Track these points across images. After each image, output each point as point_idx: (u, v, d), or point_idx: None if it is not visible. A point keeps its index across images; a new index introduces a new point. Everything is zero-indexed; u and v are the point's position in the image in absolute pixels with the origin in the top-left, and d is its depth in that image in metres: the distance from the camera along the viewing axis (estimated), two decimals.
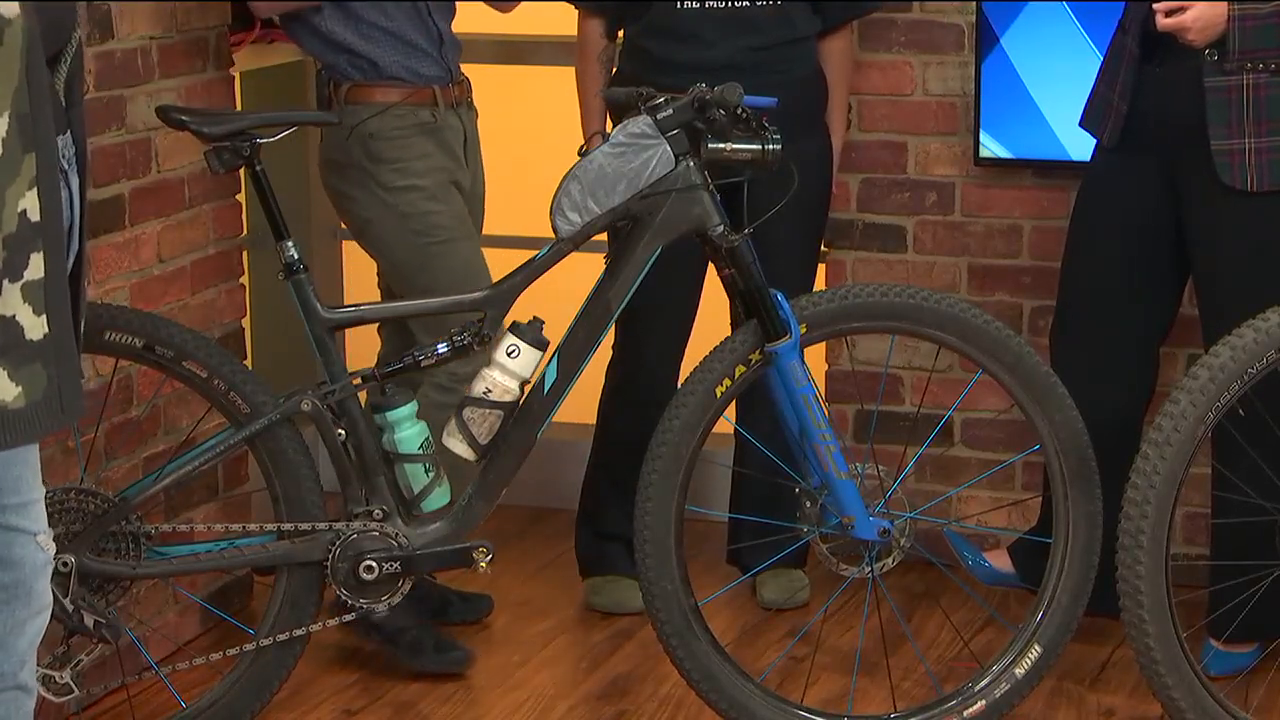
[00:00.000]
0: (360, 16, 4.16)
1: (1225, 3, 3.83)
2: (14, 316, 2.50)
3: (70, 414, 2.57)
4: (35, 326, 2.52)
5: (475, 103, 4.38)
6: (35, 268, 2.52)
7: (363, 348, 4.57)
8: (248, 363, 4.59)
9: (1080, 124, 4.17)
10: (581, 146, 3.85)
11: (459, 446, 3.73)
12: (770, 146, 3.65)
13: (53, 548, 2.71)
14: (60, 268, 2.57)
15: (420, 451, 3.78)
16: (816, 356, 4.70)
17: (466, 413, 3.71)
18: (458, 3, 4.32)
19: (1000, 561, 4.30)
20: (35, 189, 2.50)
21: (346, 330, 3.97)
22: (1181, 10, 3.84)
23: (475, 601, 4.52)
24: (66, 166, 2.69)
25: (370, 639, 4.22)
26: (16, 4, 2.46)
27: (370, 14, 4.16)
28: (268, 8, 4.23)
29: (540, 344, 3.72)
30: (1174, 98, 3.95)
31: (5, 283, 2.49)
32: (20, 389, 2.51)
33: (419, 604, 4.42)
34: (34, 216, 2.51)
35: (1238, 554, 3.89)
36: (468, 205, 4.31)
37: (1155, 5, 3.87)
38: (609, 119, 4.37)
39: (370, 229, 4.24)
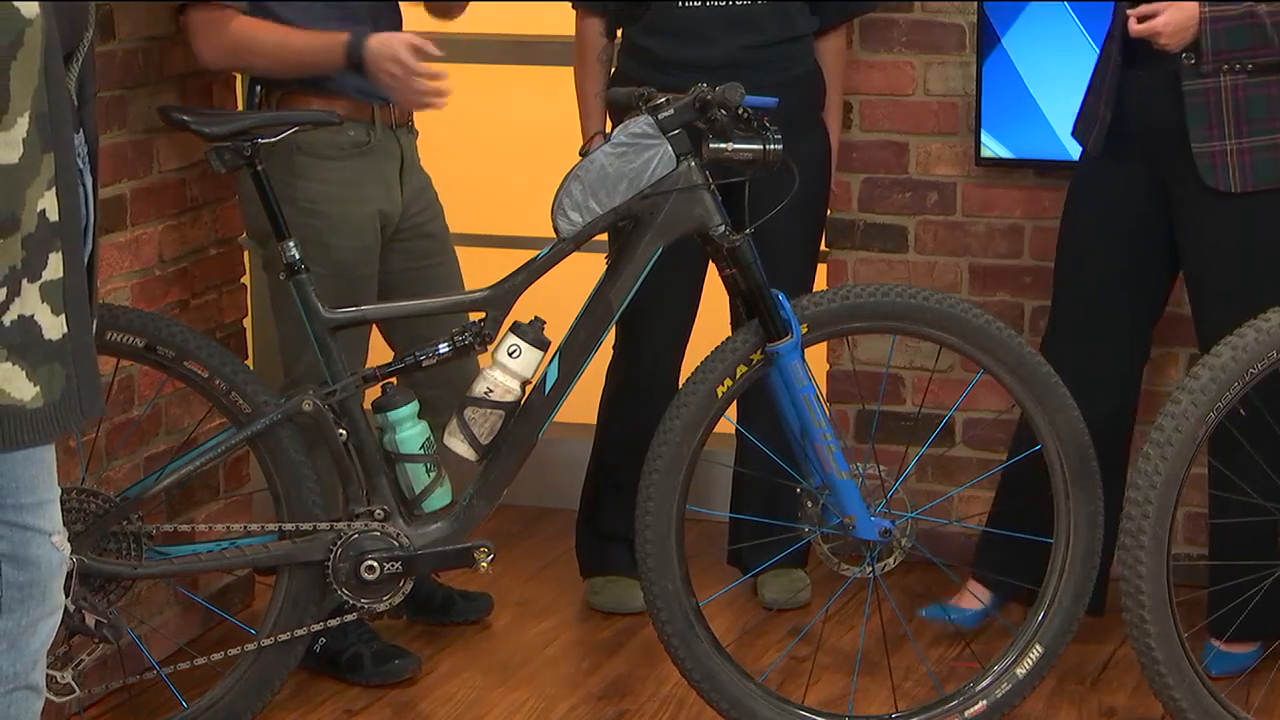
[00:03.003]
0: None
1: (1197, 6, 3.84)
2: (33, 316, 2.51)
3: (89, 413, 2.58)
4: (54, 326, 2.53)
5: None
6: (54, 267, 2.52)
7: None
8: (249, 363, 4.59)
9: (1072, 133, 4.18)
10: (582, 146, 3.84)
11: (460, 446, 3.73)
12: (771, 146, 3.65)
13: (67, 548, 2.71)
14: (78, 267, 2.58)
15: (421, 451, 3.78)
16: (818, 356, 4.69)
17: (468, 413, 3.71)
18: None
19: (974, 598, 4.31)
20: (54, 189, 2.51)
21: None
22: (1153, 16, 3.85)
23: (477, 601, 4.51)
24: (81, 165, 2.69)
25: (309, 666, 4.13)
26: (36, 4, 2.46)
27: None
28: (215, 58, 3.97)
29: (541, 344, 3.71)
30: (1155, 102, 3.97)
31: (24, 282, 2.49)
32: (38, 388, 2.52)
33: (419, 605, 4.43)
34: (53, 216, 2.51)
35: (1238, 554, 3.89)
36: (410, 235, 4.13)
37: (1129, 11, 3.88)
38: (609, 119, 4.36)
39: (270, 239, 3.90)
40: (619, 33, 4.45)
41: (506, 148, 5.76)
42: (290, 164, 3.96)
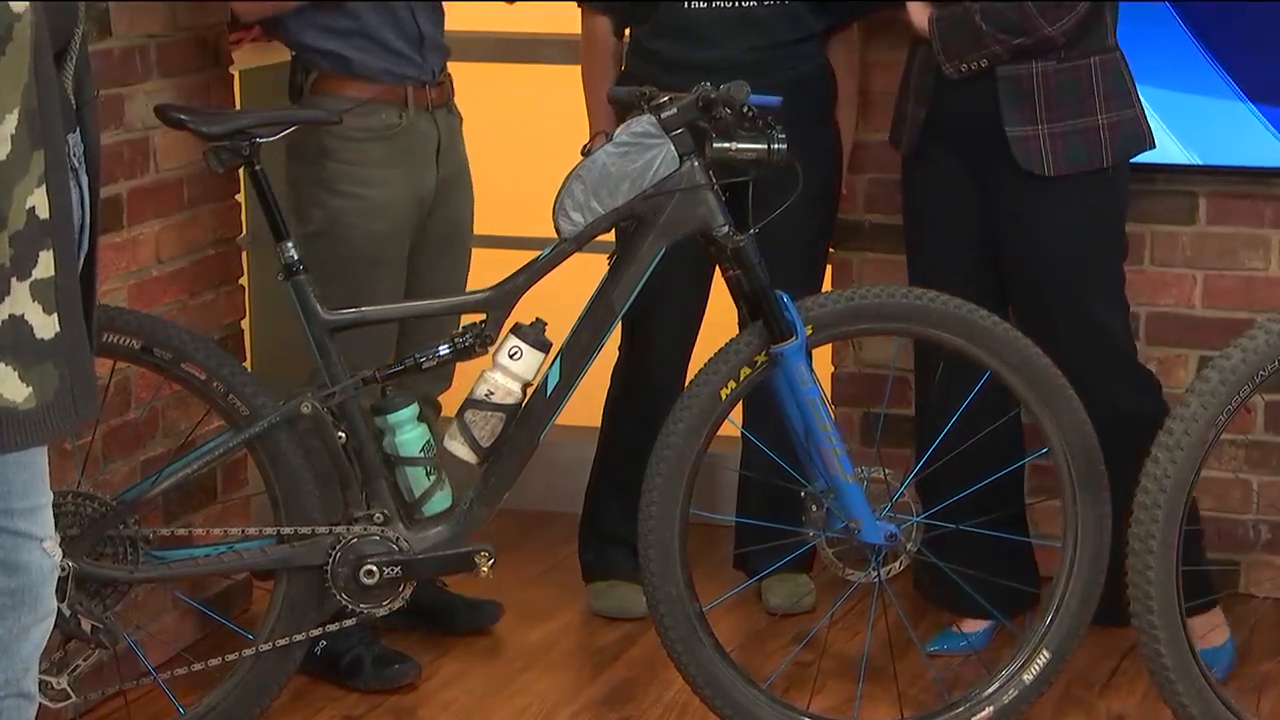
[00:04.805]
0: (323, 23, 3.99)
1: None
2: (23, 315, 2.48)
3: (84, 414, 2.55)
4: (45, 325, 2.50)
5: (459, 106, 4.18)
6: (45, 266, 2.50)
7: None
8: (247, 364, 4.56)
9: (890, 139, 4.27)
10: (585, 146, 3.82)
11: (460, 449, 3.70)
12: (775, 146, 3.62)
13: (59, 553, 2.69)
14: (71, 265, 2.55)
15: (421, 455, 3.75)
16: (822, 358, 4.67)
17: (468, 415, 3.69)
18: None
19: (976, 623, 4.28)
20: (44, 186, 2.48)
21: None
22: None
23: (482, 609, 4.46)
24: (77, 165, 2.67)
25: (310, 668, 4.10)
26: (25, 1, 2.44)
27: (338, 21, 4.00)
28: (252, 8, 4.06)
29: (543, 346, 3.69)
30: (971, 92, 4.04)
31: (14, 281, 2.47)
32: (30, 389, 2.49)
33: (423, 612, 4.39)
34: (43, 214, 2.49)
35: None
36: (433, 218, 4.13)
37: (907, 4, 4.07)
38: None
39: (309, 224, 4.02)
40: (627, 32, 4.42)
41: (508, 147, 5.74)
42: (322, 144, 3.97)
